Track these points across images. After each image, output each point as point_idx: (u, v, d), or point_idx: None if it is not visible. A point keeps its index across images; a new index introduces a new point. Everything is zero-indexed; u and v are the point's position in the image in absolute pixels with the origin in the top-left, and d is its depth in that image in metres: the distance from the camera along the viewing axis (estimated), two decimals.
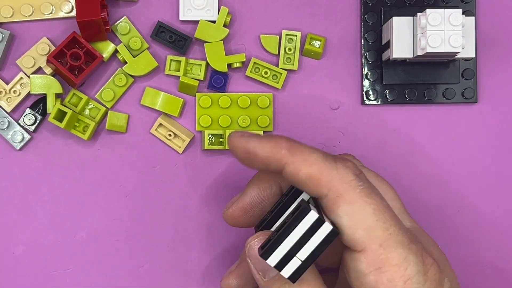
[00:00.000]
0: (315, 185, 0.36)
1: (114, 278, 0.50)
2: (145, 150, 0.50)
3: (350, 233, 0.35)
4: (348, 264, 0.36)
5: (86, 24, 0.46)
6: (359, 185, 0.36)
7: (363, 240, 0.35)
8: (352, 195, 0.35)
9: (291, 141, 0.37)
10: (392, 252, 0.35)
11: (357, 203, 0.35)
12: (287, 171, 0.36)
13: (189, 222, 0.50)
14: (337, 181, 0.35)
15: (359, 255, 0.35)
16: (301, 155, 0.36)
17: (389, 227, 0.35)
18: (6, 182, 0.49)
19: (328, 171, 0.36)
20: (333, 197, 0.35)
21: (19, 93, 0.49)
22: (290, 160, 0.36)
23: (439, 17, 0.45)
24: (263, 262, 0.36)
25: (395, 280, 0.35)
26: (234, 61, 0.49)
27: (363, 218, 0.35)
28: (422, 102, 0.50)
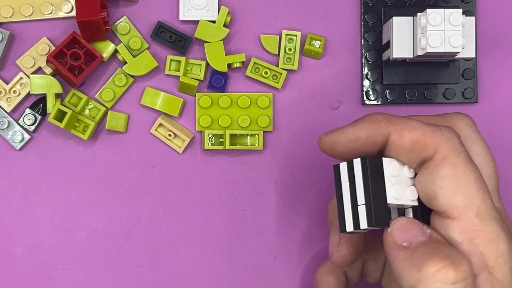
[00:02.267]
0: (421, 149, 0.36)
1: (114, 278, 0.50)
2: (145, 150, 0.50)
3: (449, 196, 0.35)
4: (438, 231, 0.35)
5: (86, 24, 0.46)
6: (463, 151, 0.35)
7: (460, 206, 0.34)
8: (457, 159, 0.35)
9: (385, 114, 0.37)
10: (487, 226, 0.34)
11: (461, 168, 0.35)
12: (392, 140, 0.36)
13: (189, 222, 0.50)
14: (443, 143, 0.35)
15: (452, 222, 0.35)
16: (401, 122, 0.36)
17: (487, 199, 0.35)
18: (6, 182, 0.49)
19: (433, 133, 0.36)
20: (439, 158, 0.35)
21: (19, 93, 0.49)
22: (392, 129, 0.36)
23: (439, 17, 0.45)
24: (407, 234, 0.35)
25: (488, 254, 0.34)
26: (234, 61, 0.49)
27: (465, 184, 0.35)
28: (422, 102, 0.50)
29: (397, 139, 0.36)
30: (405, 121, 0.36)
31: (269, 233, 0.50)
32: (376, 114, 0.37)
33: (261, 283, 0.50)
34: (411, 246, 0.35)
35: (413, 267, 0.33)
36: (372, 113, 0.37)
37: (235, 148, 0.49)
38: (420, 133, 0.36)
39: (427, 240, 0.35)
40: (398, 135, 0.36)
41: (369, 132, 0.36)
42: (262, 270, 0.50)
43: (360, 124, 0.37)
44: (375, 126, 0.36)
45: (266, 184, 0.50)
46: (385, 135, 0.36)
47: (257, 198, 0.50)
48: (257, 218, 0.50)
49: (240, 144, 0.49)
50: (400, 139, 0.36)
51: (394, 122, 0.36)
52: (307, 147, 0.50)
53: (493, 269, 0.34)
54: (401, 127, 0.36)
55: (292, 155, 0.50)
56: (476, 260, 0.34)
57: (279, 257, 0.50)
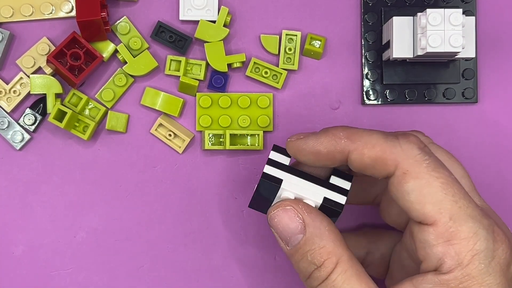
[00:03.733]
0: (381, 166, 0.36)
1: (114, 278, 0.50)
2: (145, 150, 0.50)
3: (419, 208, 0.35)
4: (416, 235, 0.36)
5: (86, 24, 0.46)
6: (425, 159, 0.36)
7: (432, 215, 0.35)
8: (418, 170, 0.35)
9: (347, 128, 0.37)
10: (462, 226, 0.35)
11: (424, 178, 0.35)
12: (352, 158, 0.37)
13: (189, 222, 0.50)
14: (402, 158, 0.36)
15: (429, 227, 0.35)
16: (361, 139, 0.36)
17: (458, 201, 0.35)
18: (6, 182, 0.49)
19: (392, 149, 0.36)
20: (400, 174, 0.36)
21: (19, 93, 0.49)
22: (352, 148, 0.36)
23: (439, 17, 0.45)
24: (286, 230, 0.37)
25: (462, 253, 0.35)
26: (234, 61, 0.49)
27: (431, 193, 0.35)
28: (423, 102, 0.50)
29: (357, 158, 0.37)
30: (365, 138, 0.37)
31: (269, 233, 0.50)
32: (338, 130, 0.37)
33: (261, 283, 0.50)
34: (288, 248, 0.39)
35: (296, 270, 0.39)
36: (335, 128, 0.38)
37: (235, 148, 0.49)
38: (379, 151, 0.36)
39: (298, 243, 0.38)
40: (358, 153, 0.36)
41: (329, 148, 0.37)
42: (262, 270, 0.50)
43: (321, 139, 0.37)
44: (335, 143, 0.37)
45: None
46: (344, 153, 0.37)
47: None
48: (257, 218, 0.50)
49: (240, 144, 0.49)
50: (360, 157, 0.36)
51: (354, 139, 0.37)
52: None
53: (467, 267, 0.35)
54: (360, 145, 0.36)
55: None
56: (449, 260, 0.35)
57: (279, 257, 0.50)
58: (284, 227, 0.38)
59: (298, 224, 0.37)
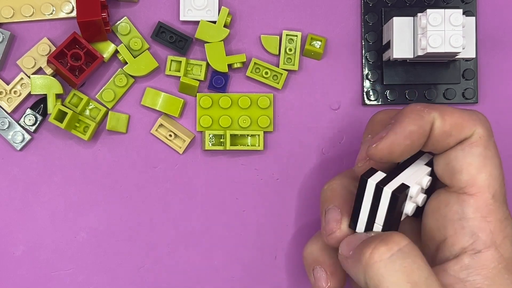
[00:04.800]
0: (459, 131, 0.37)
1: (114, 278, 0.50)
2: (146, 150, 0.50)
3: (474, 173, 0.36)
4: (451, 206, 0.37)
5: (87, 24, 0.46)
6: (493, 137, 0.38)
7: (481, 185, 0.36)
8: (489, 142, 0.37)
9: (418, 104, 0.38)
10: (500, 207, 0.36)
11: (491, 150, 0.37)
12: (436, 126, 0.37)
13: (189, 222, 0.50)
14: (480, 125, 0.37)
15: (469, 198, 0.36)
16: (439, 108, 0.37)
17: (503, 185, 0.37)
18: (6, 182, 0.49)
19: (470, 116, 0.37)
20: (476, 138, 0.37)
21: (20, 94, 0.49)
22: (436, 114, 0.37)
23: (439, 17, 0.45)
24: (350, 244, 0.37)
25: (496, 233, 0.36)
26: (234, 61, 0.49)
27: (492, 165, 0.37)
28: (423, 102, 0.50)
29: (440, 125, 0.37)
30: (442, 107, 0.38)
31: (269, 233, 0.50)
32: (414, 105, 0.38)
33: (261, 283, 0.50)
34: None
35: (357, 262, 0.35)
36: (409, 105, 0.38)
37: (235, 148, 0.49)
38: (458, 117, 0.37)
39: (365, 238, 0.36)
40: (441, 120, 0.37)
41: (419, 123, 0.37)
42: (262, 270, 0.50)
43: (407, 119, 0.37)
44: (421, 116, 0.37)
45: (267, 184, 0.50)
46: (431, 122, 0.37)
47: (257, 198, 0.50)
48: (257, 218, 0.50)
49: (241, 144, 0.49)
50: (443, 123, 0.37)
51: (433, 107, 0.37)
52: (307, 147, 0.50)
53: (500, 247, 0.36)
54: (441, 111, 0.37)
55: (292, 155, 0.50)
56: (485, 236, 0.36)
57: (279, 257, 0.50)
58: None
59: None
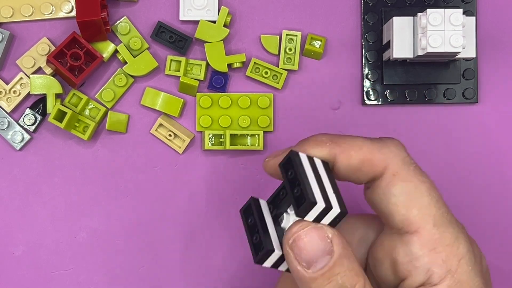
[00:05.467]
0: (370, 168, 0.35)
1: (114, 278, 0.50)
2: (145, 150, 0.50)
3: (405, 212, 0.35)
4: (397, 250, 0.35)
5: (86, 24, 0.46)
6: (412, 163, 0.36)
7: (417, 220, 0.35)
8: (407, 173, 0.35)
9: (327, 134, 0.36)
10: (445, 232, 0.35)
11: (412, 181, 0.35)
12: (339, 161, 0.36)
13: (189, 222, 0.50)
14: (391, 159, 0.35)
15: (412, 236, 0.35)
16: (346, 142, 0.36)
17: (441, 207, 0.35)
18: (6, 183, 0.49)
19: (380, 149, 0.35)
20: (389, 175, 0.35)
21: (19, 93, 0.49)
22: (338, 150, 0.36)
23: (439, 17, 0.45)
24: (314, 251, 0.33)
25: (449, 260, 0.34)
26: (234, 61, 0.49)
27: (418, 197, 0.35)
28: (423, 102, 0.50)
29: (344, 160, 0.36)
30: (350, 140, 0.36)
31: None
32: (321, 135, 0.36)
33: (261, 283, 0.50)
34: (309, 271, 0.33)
35: None
36: (316, 135, 0.37)
37: (235, 148, 0.49)
38: (366, 152, 0.35)
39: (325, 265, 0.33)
40: (345, 156, 0.35)
41: (315, 154, 0.36)
42: (262, 270, 0.50)
43: (305, 146, 0.36)
44: (320, 148, 0.36)
45: (267, 184, 0.50)
46: (331, 157, 0.36)
47: None
48: None
49: (241, 144, 0.49)
50: (347, 159, 0.35)
51: (339, 142, 0.36)
52: None
53: (456, 272, 0.34)
54: (346, 147, 0.36)
55: None
56: (438, 269, 0.34)
57: None
58: (313, 248, 0.33)
59: (327, 244, 0.34)
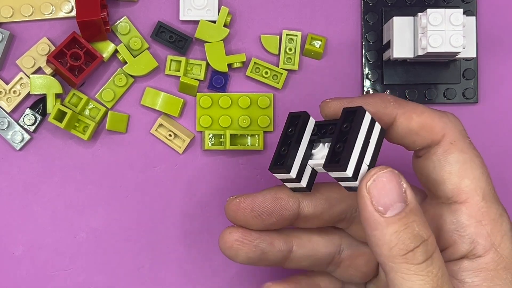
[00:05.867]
0: (429, 133, 0.36)
1: (114, 278, 0.50)
2: (145, 150, 0.50)
3: (457, 181, 0.36)
4: (445, 218, 0.36)
5: (86, 24, 0.46)
6: (467, 137, 0.37)
7: (468, 190, 0.36)
8: (464, 144, 0.36)
9: (393, 96, 0.37)
10: (492, 207, 0.36)
11: (468, 153, 0.36)
12: (400, 122, 0.36)
13: (190, 222, 0.50)
14: (450, 129, 0.36)
15: (460, 206, 0.36)
16: (410, 105, 0.36)
17: (489, 182, 0.36)
18: (6, 182, 0.49)
19: (440, 118, 0.36)
20: (447, 143, 0.36)
21: (19, 93, 0.49)
22: (400, 111, 0.36)
23: (440, 17, 0.45)
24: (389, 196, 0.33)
25: (494, 234, 0.35)
26: (234, 61, 0.49)
27: (472, 168, 0.36)
28: (423, 102, 0.50)
29: (404, 121, 0.36)
30: (413, 105, 0.37)
31: None
32: (386, 94, 0.37)
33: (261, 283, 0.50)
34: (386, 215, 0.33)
35: (385, 244, 0.33)
36: (384, 94, 0.38)
37: (235, 148, 0.49)
38: (428, 117, 0.36)
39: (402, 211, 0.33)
40: (406, 117, 0.36)
41: (378, 109, 0.36)
42: (262, 269, 0.50)
43: (370, 99, 0.37)
44: (385, 105, 0.36)
45: (267, 184, 0.50)
46: (392, 116, 0.37)
47: None
48: None
49: (241, 144, 0.49)
50: (408, 121, 0.36)
51: (403, 104, 0.37)
52: None
53: (499, 247, 0.35)
54: (409, 109, 0.36)
55: None
56: (483, 241, 0.35)
57: None
58: (388, 192, 0.34)
59: (402, 191, 0.34)
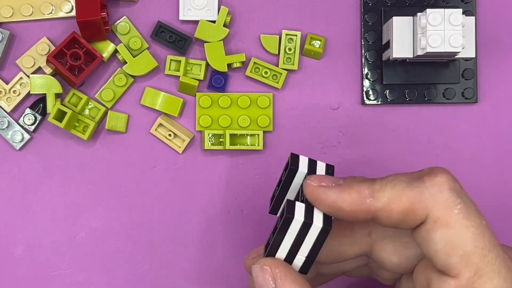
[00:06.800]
0: (412, 218, 0.34)
1: (114, 278, 0.50)
2: (145, 150, 0.50)
3: (445, 258, 0.33)
4: (433, 284, 0.34)
5: (86, 24, 0.46)
6: (457, 204, 0.33)
7: (457, 267, 0.33)
8: (449, 218, 0.33)
9: (372, 184, 0.35)
10: (487, 283, 0.33)
11: (455, 227, 0.33)
12: (380, 217, 0.34)
13: (189, 222, 0.50)
14: (433, 205, 0.33)
15: (451, 280, 0.33)
16: (386, 195, 0.34)
17: (487, 254, 0.33)
18: (6, 182, 0.49)
19: (420, 196, 0.34)
20: (430, 222, 0.33)
21: (19, 93, 0.49)
22: (378, 207, 0.34)
23: (439, 17, 0.45)
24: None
25: None
26: (234, 61, 0.49)
27: (461, 244, 0.33)
28: (422, 102, 0.50)
29: (385, 215, 0.34)
30: (390, 193, 0.34)
31: (269, 233, 0.50)
32: (364, 187, 0.35)
33: None
34: None
35: None
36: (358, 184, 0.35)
37: (235, 148, 0.49)
38: (407, 202, 0.34)
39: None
40: (385, 211, 0.34)
41: (353, 207, 0.35)
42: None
43: (345, 195, 0.35)
44: (360, 203, 0.34)
45: (266, 184, 0.50)
46: (370, 213, 0.34)
47: (257, 198, 0.50)
48: (257, 218, 0.50)
49: (240, 144, 0.49)
50: (388, 214, 0.34)
51: (378, 197, 0.34)
52: (307, 147, 0.50)
53: None
54: (386, 201, 0.34)
55: None
56: None
57: None
58: (260, 284, 0.36)
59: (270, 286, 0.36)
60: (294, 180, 0.38)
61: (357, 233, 0.39)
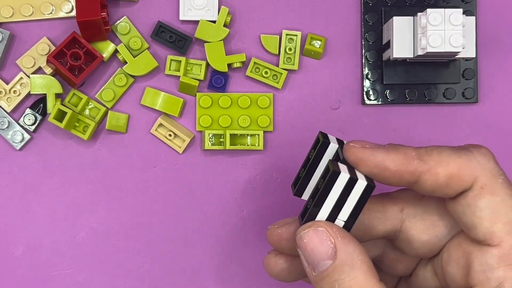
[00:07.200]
0: (458, 183, 0.34)
1: (114, 278, 0.50)
2: (145, 150, 0.50)
3: (489, 226, 0.34)
4: (474, 257, 0.35)
5: (86, 24, 0.46)
6: (501, 174, 0.35)
7: (500, 234, 0.34)
8: (495, 186, 0.34)
9: (417, 149, 0.35)
10: None
11: (499, 195, 0.34)
12: (425, 179, 0.35)
13: (189, 222, 0.50)
14: (480, 172, 0.34)
15: (492, 249, 0.34)
16: (433, 158, 0.35)
17: None
18: (6, 182, 0.49)
19: (467, 163, 0.34)
20: (477, 188, 0.34)
21: (19, 93, 0.49)
22: (425, 168, 0.34)
23: (439, 17, 0.45)
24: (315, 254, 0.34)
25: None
26: (234, 61, 0.49)
27: (505, 212, 0.34)
28: (423, 102, 0.50)
29: (430, 178, 0.34)
30: (437, 157, 0.35)
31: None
32: (411, 150, 0.35)
33: (261, 283, 0.50)
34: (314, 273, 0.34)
35: None
36: (405, 147, 0.35)
37: (235, 148, 0.49)
38: (454, 167, 0.34)
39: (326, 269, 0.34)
40: (431, 174, 0.34)
41: (399, 167, 0.35)
42: (262, 270, 0.50)
43: (392, 155, 0.35)
44: (407, 162, 0.35)
45: (266, 184, 0.50)
46: (415, 175, 0.35)
47: (257, 198, 0.50)
48: (257, 218, 0.50)
49: (240, 144, 0.49)
50: (434, 177, 0.34)
51: (426, 160, 0.35)
52: (307, 147, 0.50)
53: None
54: (433, 165, 0.34)
55: (292, 155, 0.50)
56: (510, 285, 0.33)
57: None
58: (313, 250, 0.34)
59: (329, 248, 0.34)
60: (324, 156, 0.37)
61: (389, 209, 0.38)
